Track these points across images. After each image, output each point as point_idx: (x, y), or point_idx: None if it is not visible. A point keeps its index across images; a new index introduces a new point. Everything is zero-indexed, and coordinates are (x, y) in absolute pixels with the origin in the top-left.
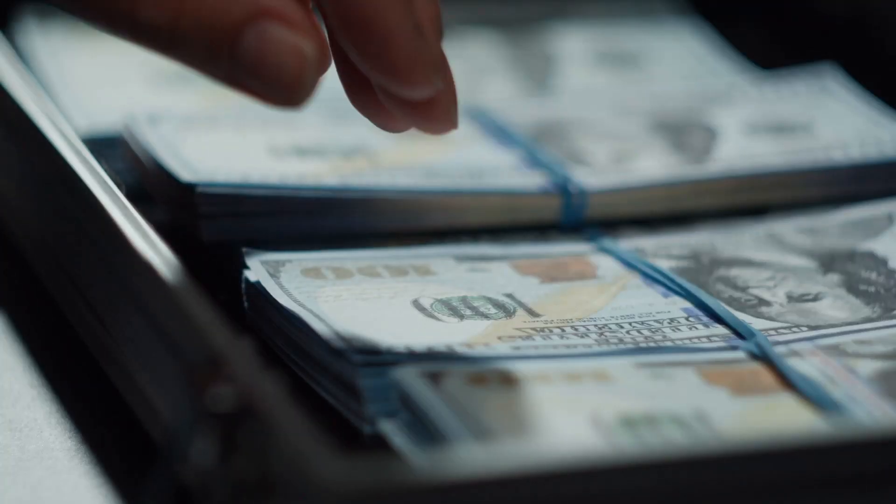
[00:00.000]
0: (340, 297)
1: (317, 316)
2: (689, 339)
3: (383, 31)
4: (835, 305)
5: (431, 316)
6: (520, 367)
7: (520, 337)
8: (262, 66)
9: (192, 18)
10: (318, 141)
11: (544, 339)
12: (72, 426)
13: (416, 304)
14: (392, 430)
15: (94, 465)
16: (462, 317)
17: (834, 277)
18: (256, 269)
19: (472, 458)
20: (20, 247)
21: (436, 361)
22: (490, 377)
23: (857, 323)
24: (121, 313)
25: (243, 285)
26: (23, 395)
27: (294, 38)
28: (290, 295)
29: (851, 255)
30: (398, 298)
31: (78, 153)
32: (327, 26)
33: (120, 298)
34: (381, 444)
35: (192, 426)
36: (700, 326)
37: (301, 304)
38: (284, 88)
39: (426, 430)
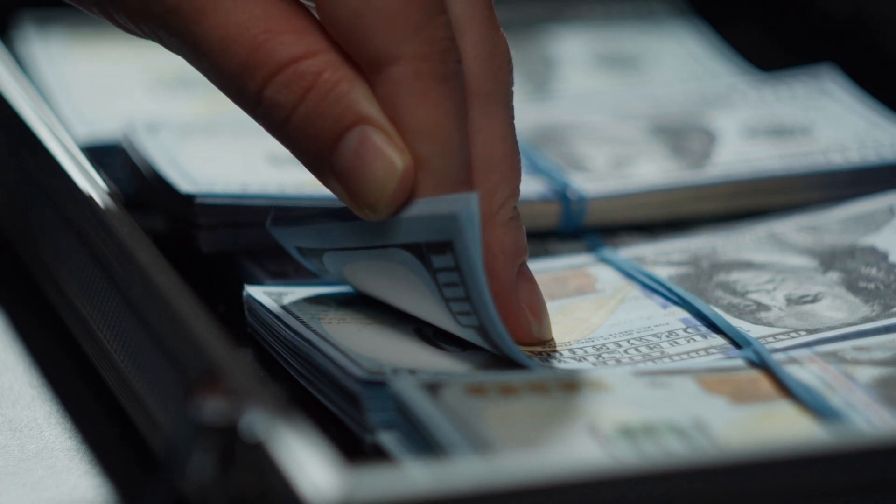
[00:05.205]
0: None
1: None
2: (687, 352)
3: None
4: (833, 305)
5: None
6: (518, 377)
7: None
8: (355, 168)
9: (310, 107)
10: None
11: (542, 361)
12: (72, 426)
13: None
14: (391, 442)
15: (94, 465)
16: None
17: (834, 276)
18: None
19: (470, 469)
20: (19, 251)
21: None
22: (489, 387)
23: (854, 324)
24: (120, 323)
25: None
26: (23, 395)
27: (390, 150)
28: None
29: (852, 251)
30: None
31: (76, 162)
32: None
33: (119, 308)
34: (381, 456)
35: (191, 439)
36: (698, 338)
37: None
38: (368, 194)
39: (425, 442)
